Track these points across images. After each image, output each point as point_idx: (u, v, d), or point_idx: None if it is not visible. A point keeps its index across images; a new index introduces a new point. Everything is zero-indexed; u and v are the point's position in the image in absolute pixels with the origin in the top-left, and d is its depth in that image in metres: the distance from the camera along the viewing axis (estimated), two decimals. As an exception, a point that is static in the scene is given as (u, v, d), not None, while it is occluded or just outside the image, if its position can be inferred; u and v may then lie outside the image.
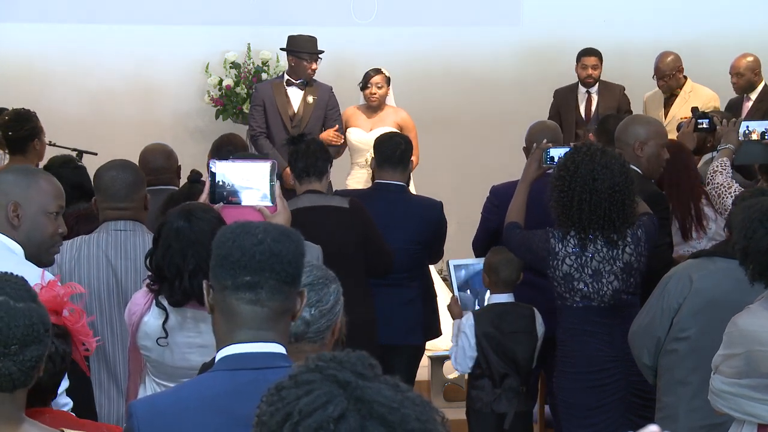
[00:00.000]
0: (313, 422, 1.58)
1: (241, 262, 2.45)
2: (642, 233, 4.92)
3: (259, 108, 8.29)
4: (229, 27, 10.42)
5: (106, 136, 9.87)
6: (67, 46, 10.27)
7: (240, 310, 2.47)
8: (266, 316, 2.47)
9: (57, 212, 3.83)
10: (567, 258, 4.88)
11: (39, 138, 6.72)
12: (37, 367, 2.45)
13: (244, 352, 2.47)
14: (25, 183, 3.79)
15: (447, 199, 6.55)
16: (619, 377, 4.89)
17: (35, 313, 2.45)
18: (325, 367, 1.63)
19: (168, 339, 3.88)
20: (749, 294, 4.08)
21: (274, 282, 2.46)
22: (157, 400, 2.59)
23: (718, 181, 5.69)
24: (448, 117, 10.46)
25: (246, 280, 2.45)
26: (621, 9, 10.72)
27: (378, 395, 1.60)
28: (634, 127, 5.57)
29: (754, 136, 6.11)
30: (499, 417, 5.43)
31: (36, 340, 2.44)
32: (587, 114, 9.00)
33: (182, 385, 2.59)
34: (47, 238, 3.80)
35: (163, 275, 3.84)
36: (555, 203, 4.89)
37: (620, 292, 4.90)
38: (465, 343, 5.47)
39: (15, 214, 3.73)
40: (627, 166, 4.89)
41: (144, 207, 4.71)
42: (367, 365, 1.65)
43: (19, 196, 3.76)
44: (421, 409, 1.62)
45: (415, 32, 10.54)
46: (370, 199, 6.01)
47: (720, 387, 3.84)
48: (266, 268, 2.45)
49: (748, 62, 8.60)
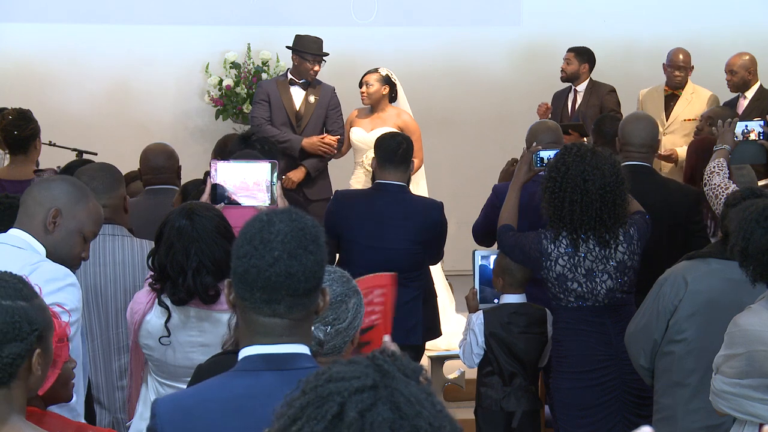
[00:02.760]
0: (334, 387, 1.64)
1: (257, 283, 2.42)
2: (635, 231, 4.94)
3: (264, 102, 8.28)
4: (229, 27, 10.43)
5: (106, 136, 9.88)
6: (67, 46, 10.27)
7: (260, 322, 2.46)
8: (287, 325, 2.46)
9: (90, 238, 3.79)
10: (560, 258, 4.90)
11: (39, 137, 6.74)
12: (15, 365, 2.43)
13: (267, 353, 2.46)
14: (76, 197, 3.74)
15: (447, 199, 6.55)
16: (614, 376, 4.91)
17: (20, 311, 2.44)
18: (378, 357, 1.69)
19: (171, 338, 3.88)
20: (745, 294, 4.10)
21: (290, 299, 2.44)
22: (182, 399, 2.58)
23: (715, 182, 5.70)
24: (448, 117, 10.47)
25: (263, 297, 2.43)
26: (621, 9, 10.73)
27: (405, 388, 1.65)
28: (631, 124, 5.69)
29: (752, 136, 6.12)
30: (508, 415, 5.45)
31: (17, 338, 2.43)
32: (572, 111, 9.01)
33: (206, 384, 2.56)
34: (71, 258, 3.73)
35: (165, 274, 3.84)
36: (546, 204, 4.90)
37: (614, 291, 4.92)
38: (473, 340, 5.49)
39: (53, 221, 3.68)
40: (618, 166, 4.90)
41: (124, 209, 4.67)
42: (413, 368, 1.69)
43: (65, 205, 3.71)
44: (439, 417, 1.65)
45: (415, 32, 10.55)
46: (369, 199, 6.00)
47: (721, 387, 3.85)
48: (282, 287, 2.42)
49: (744, 61, 8.61)
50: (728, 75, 8.63)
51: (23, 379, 2.47)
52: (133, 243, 4.60)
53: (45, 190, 3.75)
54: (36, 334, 2.47)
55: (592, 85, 9.04)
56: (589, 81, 9.04)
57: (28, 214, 3.69)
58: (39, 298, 2.55)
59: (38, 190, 3.75)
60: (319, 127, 8.27)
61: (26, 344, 2.45)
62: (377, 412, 1.61)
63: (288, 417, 1.66)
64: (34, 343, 2.47)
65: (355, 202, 6.08)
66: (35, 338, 2.47)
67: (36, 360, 2.49)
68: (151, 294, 3.93)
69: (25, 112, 6.73)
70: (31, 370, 2.48)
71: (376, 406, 1.62)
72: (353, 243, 5.92)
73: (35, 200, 3.71)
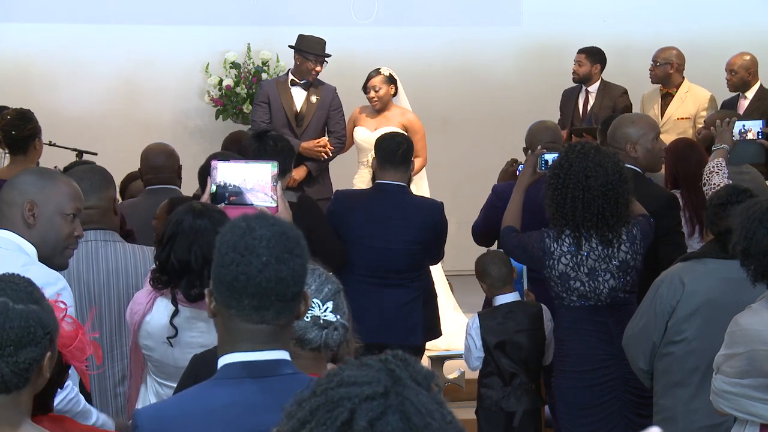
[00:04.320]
0: (345, 392, 1.64)
1: (247, 289, 2.40)
2: (638, 231, 4.94)
3: (264, 104, 8.28)
4: (229, 27, 10.43)
5: (106, 136, 9.89)
6: (67, 46, 10.28)
7: (245, 328, 2.44)
8: (271, 332, 2.45)
9: (74, 214, 3.79)
10: (563, 257, 4.91)
11: (39, 137, 6.73)
12: (31, 369, 2.43)
13: (248, 360, 2.44)
14: (41, 183, 3.76)
15: (447, 199, 6.56)
16: (615, 375, 4.91)
17: (33, 315, 2.44)
18: (391, 361, 1.68)
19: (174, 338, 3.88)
20: (743, 293, 4.10)
21: (280, 304, 2.43)
22: (163, 410, 2.56)
23: (715, 182, 5.70)
24: (449, 117, 10.48)
25: (252, 304, 2.42)
26: (621, 8, 10.74)
27: (416, 397, 1.64)
28: (621, 129, 5.56)
29: (750, 135, 6.11)
30: (509, 415, 5.46)
31: (32, 342, 2.42)
32: (583, 112, 9.00)
33: (187, 394, 2.54)
34: (62, 240, 3.75)
35: (182, 270, 3.82)
36: (549, 201, 4.92)
37: (617, 290, 4.93)
38: (471, 345, 5.51)
39: (30, 213, 3.69)
40: (621, 165, 4.90)
41: (114, 211, 4.65)
42: (425, 375, 1.69)
43: (35, 195, 3.72)
44: (448, 429, 1.65)
45: (415, 32, 10.55)
46: (369, 199, 6.00)
47: (722, 387, 3.85)
48: (272, 293, 2.41)
49: (744, 61, 8.60)
50: (728, 74, 8.63)
51: (33, 382, 2.48)
52: (125, 248, 4.58)
53: (11, 188, 3.77)
54: (48, 338, 2.47)
55: (604, 86, 9.02)
56: (600, 82, 9.03)
57: (6, 216, 3.70)
58: (46, 300, 2.54)
59: (6, 192, 3.77)
60: (320, 128, 8.26)
61: (40, 348, 2.45)
62: (387, 422, 1.61)
63: (298, 420, 1.66)
64: (47, 346, 2.47)
65: (355, 203, 6.08)
66: (48, 342, 2.47)
67: (47, 363, 2.48)
68: (151, 294, 3.92)
69: (25, 112, 6.72)
70: (41, 373, 2.48)
71: (386, 415, 1.62)
72: (353, 243, 5.92)
73: (6, 202, 3.73)
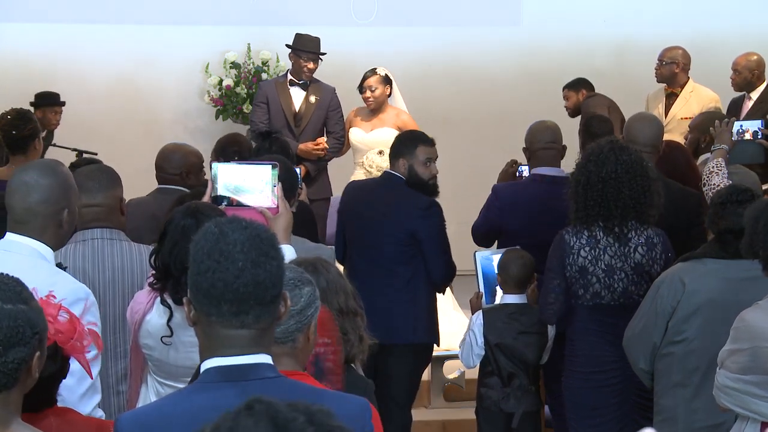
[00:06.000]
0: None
1: (225, 296, 2.39)
2: (659, 241, 4.99)
3: (263, 105, 8.30)
4: (229, 27, 10.44)
5: (106, 136, 9.89)
6: (67, 46, 10.28)
7: (226, 334, 2.44)
8: (252, 336, 2.44)
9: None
10: (582, 250, 4.96)
11: (39, 137, 6.74)
12: (20, 369, 2.43)
13: (227, 365, 2.44)
14: (64, 189, 3.73)
15: (447, 199, 6.55)
16: (623, 377, 4.94)
17: (22, 315, 2.43)
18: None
19: (172, 338, 3.89)
20: (743, 294, 4.12)
21: (259, 308, 2.42)
22: (143, 416, 2.56)
23: (715, 183, 5.71)
24: (448, 117, 10.48)
25: (231, 310, 2.41)
26: (621, 9, 10.73)
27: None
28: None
29: (747, 136, 6.12)
30: (508, 416, 5.47)
31: (20, 342, 2.42)
32: None
33: (168, 399, 2.54)
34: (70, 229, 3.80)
35: (168, 273, 3.84)
36: (570, 195, 5.01)
37: (631, 291, 4.96)
38: (472, 340, 5.52)
39: (67, 220, 3.69)
40: (645, 163, 4.98)
41: (120, 210, 4.63)
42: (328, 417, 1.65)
43: (71, 202, 3.72)
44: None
45: (415, 32, 10.55)
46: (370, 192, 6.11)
47: (724, 382, 3.86)
48: (250, 297, 2.40)
49: (749, 61, 8.57)
50: (733, 74, 8.60)
51: (22, 382, 2.47)
52: (131, 247, 4.58)
53: (32, 191, 3.67)
54: (37, 338, 2.47)
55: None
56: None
57: (32, 225, 3.65)
58: (35, 300, 2.54)
59: (33, 198, 3.67)
60: (319, 128, 8.27)
61: (29, 348, 2.44)
62: None
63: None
64: (36, 346, 2.47)
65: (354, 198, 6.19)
66: (37, 342, 2.47)
67: (35, 363, 2.48)
68: (152, 294, 3.93)
69: (25, 112, 6.73)
70: (30, 373, 2.48)
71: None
72: (352, 243, 5.96)
73: (33, 211, 3.64)
